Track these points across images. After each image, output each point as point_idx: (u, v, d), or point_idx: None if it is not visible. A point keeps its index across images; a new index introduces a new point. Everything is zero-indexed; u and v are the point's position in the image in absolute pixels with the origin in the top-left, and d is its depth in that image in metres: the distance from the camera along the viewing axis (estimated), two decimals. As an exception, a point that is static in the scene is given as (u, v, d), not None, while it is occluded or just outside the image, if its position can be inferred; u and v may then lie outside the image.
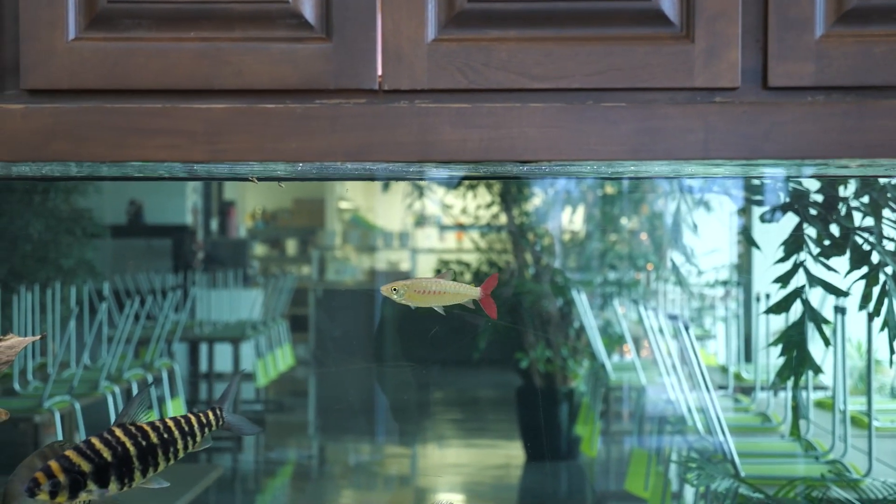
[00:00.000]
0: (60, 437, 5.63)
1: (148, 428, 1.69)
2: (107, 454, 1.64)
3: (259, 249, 13.88)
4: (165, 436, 1.70)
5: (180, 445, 1.71)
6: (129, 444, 1.66)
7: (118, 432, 1.67)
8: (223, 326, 9.33)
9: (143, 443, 1.67)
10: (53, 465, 1.61)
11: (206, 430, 1.76)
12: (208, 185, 11.62)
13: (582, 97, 1.48)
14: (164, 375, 7.18)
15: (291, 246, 13.96)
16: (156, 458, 1.68)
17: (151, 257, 10.28)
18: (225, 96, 1.51)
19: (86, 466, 1.63)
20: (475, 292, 1.92)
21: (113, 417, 6.07)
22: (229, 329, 9.19)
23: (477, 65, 1.47)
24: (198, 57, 1.50)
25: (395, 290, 1.94)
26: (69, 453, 1.63)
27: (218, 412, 1.78)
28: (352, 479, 7.87)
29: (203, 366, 9.09)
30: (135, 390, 6.54)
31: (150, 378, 6.92)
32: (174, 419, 1.72)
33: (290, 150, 1.50)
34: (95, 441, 1.64)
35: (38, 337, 1.85)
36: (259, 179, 1.91)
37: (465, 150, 1.48)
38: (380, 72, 1.49)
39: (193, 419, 1.74)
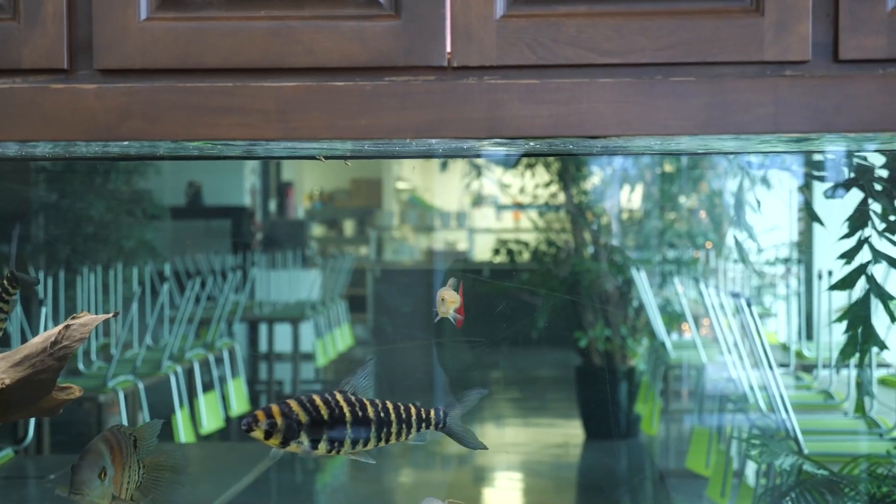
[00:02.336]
0: (125, 416, 5.70)
1: (367, 403, 1.71)
2: (324, 412, 1.67)
3: (317, 230, 13.93)
4: (382, 415, 1.71)
5: (394, 429, 1.72)
6: (346, 410, 1.68)
7: (339, 396, 1.70)
8: (282, 307, 9.38)
9: (360, 413, 1.69)
10: (274, 407, 1.65)
11: (424, 426, 1.76)
12: (266, 166, 11.68)
13: (651, 72, 1.48)
14: (226, 355, 7.24)
15: (349, 226, 14.01)
16: (368, 433, 1.70)
17: (210, 238, 10.35)
18: (296, 74, 1.53)
19: (303, 417, 1.66)
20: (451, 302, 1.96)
21: (176, 397, 6.14)
22: (289, 309, 9.25)
23: (546, 40, 1.48)
24: (268, 36, 1.52)
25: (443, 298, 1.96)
26: (290, 402, 1.66)
27: (441, 414, 1.77)
28: (410, 459, 7.90)
29: (263, 346, 9.15)
30: (196, 370, 6.61)
31: (211, 357, 6.99)
32: (395, 403, 1.74)
33: (360, 127, 1.51)
34: (316, 398, 1.68)
35: (110, 315, 1.88)
36: (326, 158, 1.93)
37: (534, 126, 1.49)
38: (448, 48, 1.50)
39: (413, 410, 1.75)
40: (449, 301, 1.95)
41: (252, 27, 1.52)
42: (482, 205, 13.45)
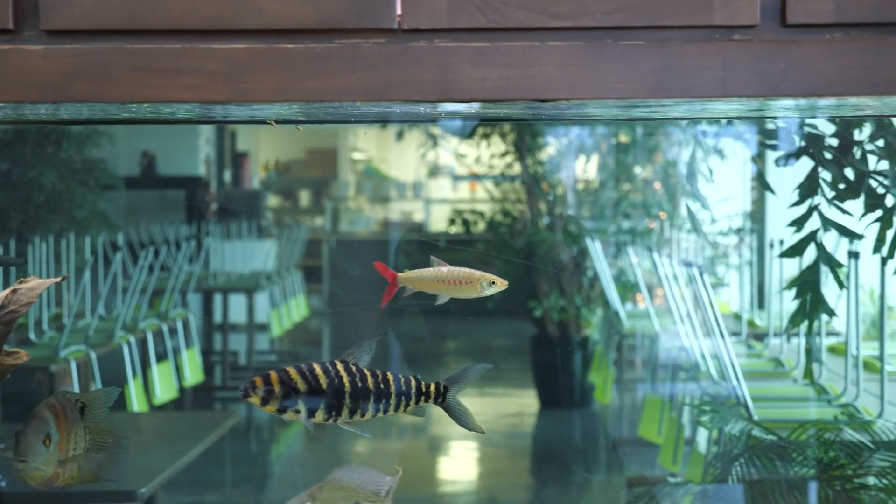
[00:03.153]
0: (77, 386, 5.68)
1: (368, 373, 1.70)
2: (323, 381, 1.67)
3: (272, 200, 13.89)
4: (382, 386, 1.71)
5: (393, 401, 1.72)
6: (345, 380, 1.68)
7: (339, 366, 1.69)
8: (237, 277, 9.35)
9: (360, 384, 1.68)
10: (273, 374, 1.65)
11: (423, 399, 1.75)
12: (221, 137, 11.62)
13: (601, 35, 1.48)
14: (179, 326, 7.21)
15: (305, 197, 13.97)
16: (366, 404, 1.69)
17: (165, 208, 10.29)
18: (245, 36, 1.52)
19: (301, 386, 1.66)
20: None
21: (129, 367, 6.12)
22: (243, 280, 9.22)
23: (496, 3, 1.48)
24: (218, -3, 1.51)
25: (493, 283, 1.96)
26: (289, 369, 1.67)
27: (442, 389, 1.76)
28: (366, 429, 7.92)
29: (218, 316, 9.13)
30: (150, 340, 6.58)
31: (165, 328, 6.96)
32: (395, 375, 1.73)
33: (310, 89, 1.50)
34: (316, 366, 1.67)
35: (58, 279, 1.87)
36: (277, 122, 1.92)
37: (484, 89, 1.49)
38: (399, 11, 1.49)
39: (413, 383, 1.74)
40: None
41: (201, -12, 1.51)
42: (438, 175, 13.44)
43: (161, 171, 10.68)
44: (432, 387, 1.75)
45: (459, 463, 7.06)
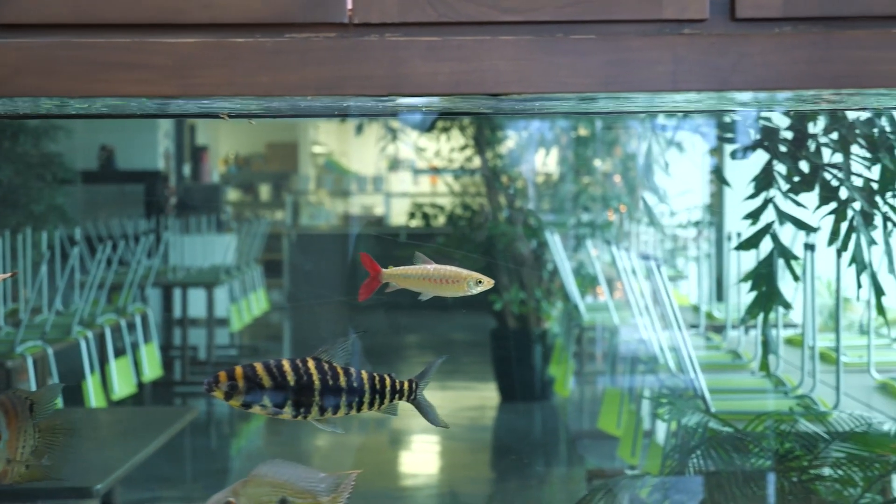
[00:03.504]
0: (34, 382, 5.63)
1: (340, 371, 1.68)
2: (290, 378, 1.65)
3: (232, 194, 13.84)
4: (355, 384, 1.69)
5: (366, 399, 1.70)
6: (315, 377, 1.66)
7: (310, 363, 1.67)
8: (197, 272, 9.32)
9: (331, 382, 1.67)
10: (238, 369, 1.63)
11: (396, 397, 1.73)
12: (180, 131, 11.57)
13: (552, 29, 1.48)
14: (138, 321, 7.18)
15: (265, 191, 13.93)
16: (338, 402, 1.68)
17: (124, 203, 10.25)
18: (194, 30, 1.51)
19: (266, 382, 1.64)
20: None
21: (87, 362, 6.08)
22: (203, 274, 9.19)
23: (447, -3, 1.47)
24: (167, -10, 1.50)
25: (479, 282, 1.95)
26: (256, 365, 1.65)
27: (414, 386, 1.75)
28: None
29: (177, 311, 9.09)
30: (108, 335, 6.55)
31: (123, 323, 6.92)
32: (370, 373, 1.71)
33: (260, 84, 1.50)
34: (285, 363, 1.66)
35: (9, 274, 1.85)
36: (230, 117, 1.91)
37: (435, 84, 1.48)
38: (350, 5, 1.49)
39: (388, 381, 1.72)
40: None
41: (150, -18, 1.50)
42: (399, 169, 13.44)
43: (120, 166, 10.63)
44: (406, 384, 1.74)
45: (420, 457, 7.06)
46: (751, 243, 3.09)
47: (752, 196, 3.10)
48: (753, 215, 3.09)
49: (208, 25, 1.50)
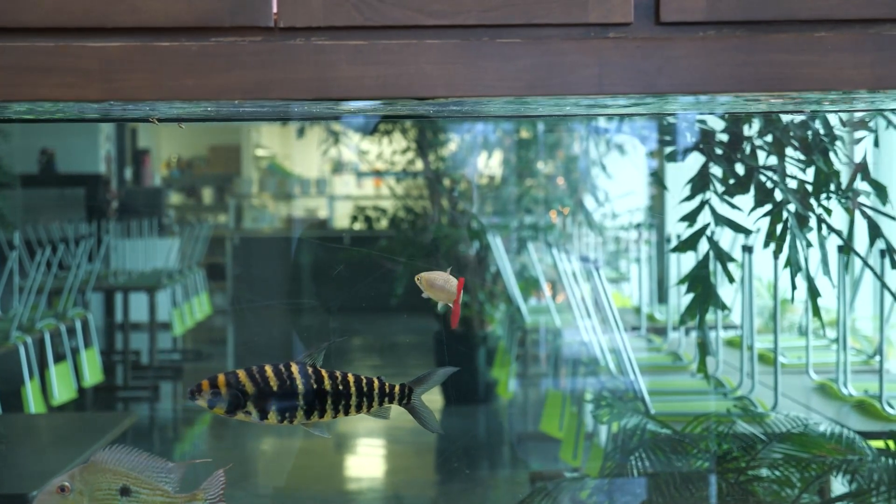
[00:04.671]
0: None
1: (325, 374, 1.67)
2: (273, 383, 1.64)
3: (175, 198, 13.75)
4: (341, 388, 1.68)
5: (353, 402, 1.69)
6: (299, 382, 1.65)
7: (293, 368, 1.66)
8: (138, 275, 9.25)
9: (315, 386, 1.66)
10: (220, 377, 1.63)
11: (387, 400, 1.72)
12: (122, 133, 11.48)
13: (478, 33, 1.48)
14: (78, 325, 7.11)
15: (208, 194, 13.85)
16: (324, 406, 1.67)
17: (64, 207, 10.15)
18: (120, 34, 1.50)
19: (250, 388, 1.63)
20: (452, 295, 1.92)
21: (25, 368, 6.02)
22: (145, 278, 9.12)
23: (373, 1, 1.47)
24: (91, -6, 1.49)
25: (418, 279, 1.94)
26: (239, 372, 1.64)
27: (406, 391, 1.74)
28: (269, 427, 7.87)
29: (118, 315, 9.02)
30: (47, 340, 6.48)
31: (63, 327, 6.86)
32: (356, 376, 1.70)
33: (186, 88, 1.49)
34: (268, 369, 1.65)
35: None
36: (159, 121, 1.90)
37: (362, 87, 1.48)
38: (275, 9, 1.48)
39: (376, 384, 1.71)
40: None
41: (74, -15, 1.49)
42: (342, 172, 13.41)
43: (60, 169, 10.53)
44: (396, 388, 1.74)
45: (364, 460, 7.05)
46: (687, 245, 3.11)
47: (688, 198, 3.12)
48: (689, 217, 3.11)
49: (134, 29, 1.49)
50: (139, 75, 1.49)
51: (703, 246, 3.18)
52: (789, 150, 3.00)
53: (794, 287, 2.98)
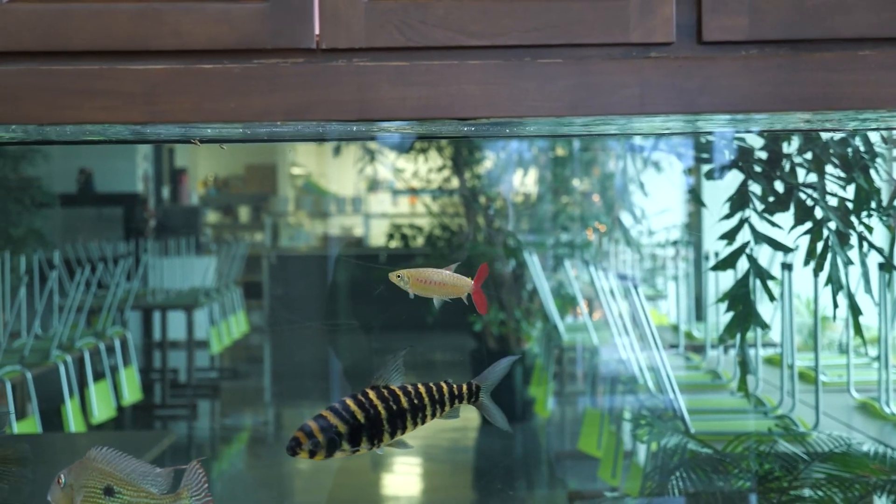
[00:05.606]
0: (13, 407, 5.60)
1: (400, 392, 1.70)
2: (360, 416, 1.66)
3: (211, 216, 13.81)
4: (416, 401, 1.71)
5: (428, 412, 1.72)
6: (380, 408, 1.68)
7: (371, 395, 1.68)
8: (176, 294, 9.29)
9: (394, 407, 1.68)
10: (313, 425, 1.64)
11: (457, 401, 1.75)
12: (159, 153, 11.55)
13: (519, 54, 1.48)
14: (117, 344, 7.15)
15: (244, 213, 13.91)
16: (404, 422, 1.69)
17: (103, 226, 10.22)
18: (162, 57, 1.50)
19: (342, 427, 1.65)
20: (469, 285, 1.93)
21: (66, 386, 6.05)
22: (182, 297, 9.16)
23: (414, 22, 1.47)
24: (135, 17, 1.50)
25: (399, 276, 1.94)
26: (326, 414, 1.66)
27: (474, 388, 1.76)
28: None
29: (156, 334, 9.06)
30: (87, 359, 6.52)
31: (102, 346, 6.89)
32: (426, 386, 1.73)
33: (228, 110, 1.50)
34: (350, 403, 1.67)
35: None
36: (202, 142, 1.91)
37: (404, 108, 1.48)
38: (317, 31, 1.49)
39: (445, 389, 1.74)
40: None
41: (118, 9, 1.50)
42: (378, 190, 13.43)
43: (98, 189, 10.60)
44: (464, 388, 1.76)
45: (402, 478, 7.04)
46: (726, 264, 3.10)
47: (727, 216, 3.10)
48: (729, 236, 3.09)
49: (177, 52, 1.50)
50: (182, 97, 1.50)
51: (743, 264, 3.16)
52: (829, 168, 2.98)
53: (835, 305, 2.96)
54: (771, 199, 3.04)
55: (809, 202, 3.00)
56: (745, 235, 3.12)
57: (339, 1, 1.48)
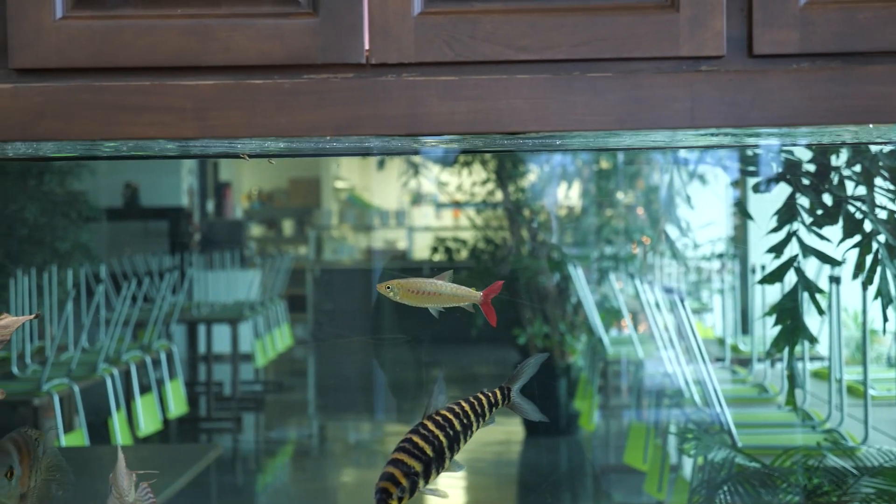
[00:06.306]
0: (60, 420, 5.65)
1: (451, 416, 1.71)
2: (430, 451, 1.68)
3: (255, 230, 13.88)
4: (465, 420, 1.71)
5: (475, 427, 1.73)
6: (441, 437, 1.69)
7: (430, 426, 1.69)
8: (221, 307, 9.34)
9: (451, 432, 1.70)
10: (396, 472, 1.65)
11: (494, 408, 1.76)
12: (203, 167, 11.62)
13: (568, 68, 1.48)
14: (163, 357, 7.19)
15: (288, 226, 13.97)
16: (459, 443, 1.71)
17: (148, 240, 10.29)
18: (213, 72, 1.51)
19: (418, 467, 1.66)
20: (475, 296, 1.92)
21: (112, 399, 6.09)
22: (227, 310, 9.20)
23: (463, 37, 1.48)
24: (185, 33, 1.51)
25: (388, 287, 1.93)
26: (401, 457, 1.66)
27: (506, 391, 1.77)
28: (352, 458, 7.89)
29: (201, 347, 9.11)
30: (133, 372, 6.56)
31: (148, 359, 6.94)
32: (468, 402, 1.73)
33: (278, 125, 1.50)
34: (418, 439, 1.67)
35: (32, 316, 1.86)
36: (250, 156, 1.92)
37: (453, 123, 1.49)
38: (367, 46, 1.49)
39: (484, 399, 1.74)
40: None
41: (168, 25, 1.51)
42: (421, 203, 13.46)
43: (144, 203, 10.68)
44: (498, 393, 1.76)
45: (447, 492, 7.03)
46: (775, 277, 3.08)
47: (775, 229, 3.08)
48: (777, 249, 3.08)
49: (227, 67, 1.51)
50: (232, 113, 1.50)
51: (791, 277, 3.14)
52: (878, 180, 2.96)
53: (885, 318, 2.93)
54: (819, 211, 3.02)
55: (858, 215, 2.98)
56: (792, 248, 3.10)
57: (388, 16, 1.48)
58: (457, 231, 11.49)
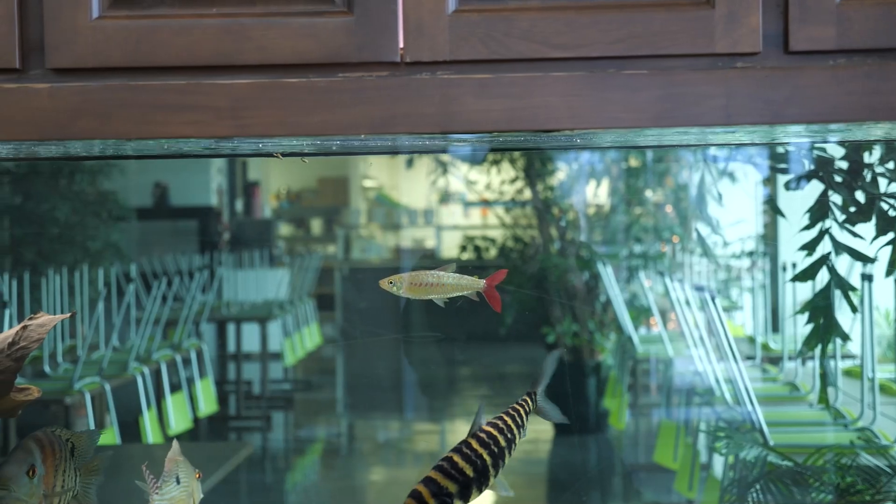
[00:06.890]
0: (92, 418, 5.67)
1: (496, 432, 1.67)
2: (469, 471, 1.63)
3: (284, 229, 13.92)
4: (509, 435, 1.68)
5: (517, 441, 1.70)
6: (485, 455, 1.64)
7: (474, 444, 1.65)
8: (250, 306, 9.36)
9: (496, 449, 1.66)
10: (424, 491, 1.60)
11: (528, 416, 1.73)
12: (232, 166, 11.66)
13: (603, 65, 1.48)
14: (193, 356, 7.22)
15: (316, 225, 13.99)
16: (504, 459, 1.67)
17: (177, 239, 10.33)
18: (248, 71, 1.52)
19: (452, 487, 1.62)
20: (478, 284, 1.90)
21: (143, 398, 6.12)
22: (256, 309, 9.23)
23: (498, 35, 1.48)
24: (220, 33, 1.51)
25: (391, 282, 1.92)
26: (435, 476, 1.61)
27: (533, 396, 1.74)
28: (381, 456, 7.90)
29: (231, 346, 9.13)
30: (164, 371, 6.59)
31: (179, 358, 6.96)
32: (510, 415, 1.70)
33: (314, 123, 1.51)
34: (458, 459, 1.63)
35: (67, 315, 1.87)
36: (283, 155, 1.92)
37: (488, 121, 1.49)
38: (401, 44, 1.49)
39: (521, 410, 1.72)
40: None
41: (204, 24, 1.52)
42: (449, 202, 13.46)
43: (173, 202, 10.72)
44: (528, 401, 1.74)
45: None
46: (807, 275, 3.07)
47: (807, 227, 3.07)
48: (809, 246, 3.06)
49: (262, 66, 1.52)
50: (267, 112, 1.51)
51: (823, 275, 3.13)
52: (912, 177, 2.94)
53: (918, 316, 2.92)
54: (852, 209, 3.00)
55: (892, 212, 2.96)
56: (825, 246, 3.08)
57: (423, 14, 1.48)
58: (485, 230, 11.49)
